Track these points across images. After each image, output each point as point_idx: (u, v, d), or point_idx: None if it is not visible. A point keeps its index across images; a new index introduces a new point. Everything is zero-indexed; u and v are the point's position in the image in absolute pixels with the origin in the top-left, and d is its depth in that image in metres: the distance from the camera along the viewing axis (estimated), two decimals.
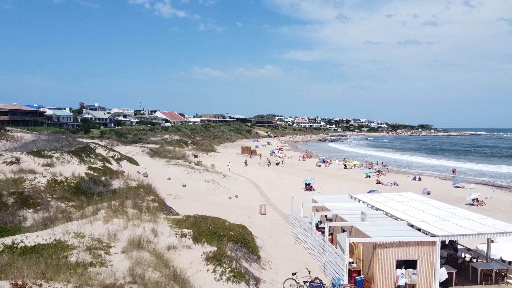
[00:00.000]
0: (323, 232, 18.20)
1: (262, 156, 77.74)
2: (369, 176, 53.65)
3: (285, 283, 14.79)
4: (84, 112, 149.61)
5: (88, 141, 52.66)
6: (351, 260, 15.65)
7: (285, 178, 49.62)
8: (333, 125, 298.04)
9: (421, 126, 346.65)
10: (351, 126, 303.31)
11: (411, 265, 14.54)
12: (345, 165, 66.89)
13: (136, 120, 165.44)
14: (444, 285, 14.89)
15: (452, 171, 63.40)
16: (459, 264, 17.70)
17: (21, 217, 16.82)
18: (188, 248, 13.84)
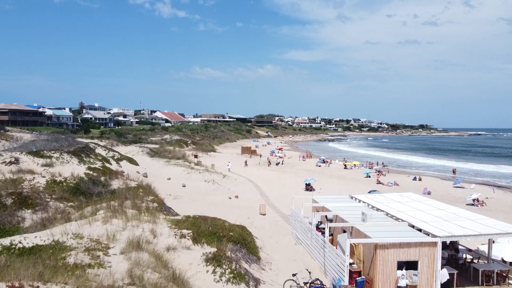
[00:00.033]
0: (323, 232, 18.09)
1: (262, 156, 77.62)
2: (369, 176, 53.58)
3: (285, 284, 14.69)
4: (84, 112, 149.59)
5: (88, 141, 52.56)
6: (351, 261, 15.55)
7: (285, 178, 49.54)
8: (333, 125, 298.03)
9: (421, 126, 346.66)
10: (351, 126, 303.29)
11: (412, 266, 14.46)
12: (345, 165, 66.79)
13: (136, 120, 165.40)
14: (446, 286, 14.82)
15: (453, 171, 63.32)
16: (460, 265, 17.60)
17: (19, 218, 16.72)
18: (188, 249, 13.76)
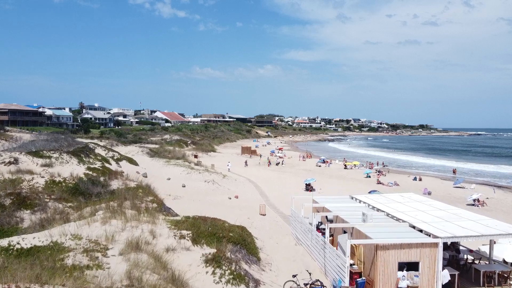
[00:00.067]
0: (323, 233, 17.98)
1: (262, 156, 77.52)
2: (369, 176, 53.49)
3: (285, 285, 14.58)
4: (84, 112, 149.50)
5: (88, 141, 52.47)
6: (352, 262, 15.45)
7: (285, 178, 49.45)
8: (333, 125, 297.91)
9: (421, 126, 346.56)
10: (351, 126, 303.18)
11: (413, 267, 14.35)
12: (345, 165, 66.69)
13: (136, 120, 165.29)
14: (447, 287, 14.72)
15: (453, 171, 63.24)
16: (462, 266, 17.49)
17: (18, 218, 16.62)
18: (187, 250, 13.66)
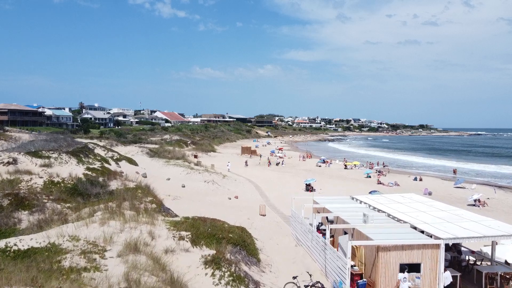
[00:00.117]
0: (324, 234, 17.84)
1: (262, 156, 77.36)
2: (369, 177, 53.36)
3: (285, 287, 14.42)
4: (84, 112, 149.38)
5: (87, 141, 52.34)
6: (353, 263, 15.29)
7: (285, 179, 49.29)
8: (333, 125, 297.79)
9: (421, 126, 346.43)
10: (351, 126, 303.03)
11: (414, 268, 14.20)
12: (345, 165, 66.55)
13: (136, 120, 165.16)
14: None
15: (453, 172, 63.10)
16: (463, 267, 17.33)
17: (16, 219, 16.44)
18: (186, 251, 13.50)
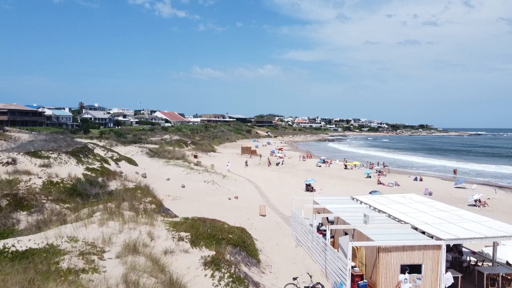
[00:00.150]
0: (324, 234, 17.74)
1: (262, 156, 77.26)
2: (369, 177, 53.26)
3: None
4: (84, 112, 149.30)
5: (87, 141, 52.25)
6: (353, 264, 15.18)
7: (285, 179, 49.19)
8: (333, 125, 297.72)
9: (421, 126, 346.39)
10: (351, 126, 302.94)
11: (415, 269, 14.10)
12: (345, 165, 66.45)
13: (136, 120, 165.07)
14: None
15: (453, 172, 63.00)
16: (464, 268, 17.23)
17: (14, 220, 16.36)
18: (186, 252, 13.40)
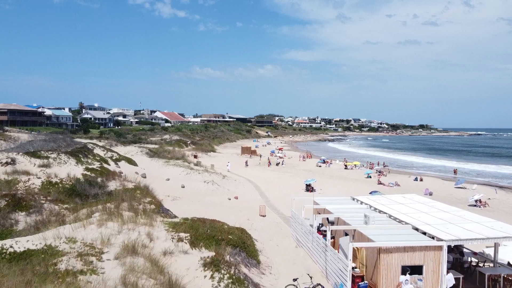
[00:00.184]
0: (324, 235, 17.65)
1: (262, 156, 77.17)
2: (370, 177, 53.17)
3: None
4: (84, 112, 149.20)
5: (87, 141, 52.16)
6: (354, 265, 15.09)
7: (285, 179, 49.09)
8: (333, 125, 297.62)
9: (421, 126, 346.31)
10: (351, 126, 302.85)
11: (416, 270, 14.00)
12: (345, 165, 66.35)
13: (136, 120, 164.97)
14: None
15: (454, 172, 62.92)
16: (466, 269, 17.14)
17: (13, 221, 16.25)
18: (185, 253, 13.30)
